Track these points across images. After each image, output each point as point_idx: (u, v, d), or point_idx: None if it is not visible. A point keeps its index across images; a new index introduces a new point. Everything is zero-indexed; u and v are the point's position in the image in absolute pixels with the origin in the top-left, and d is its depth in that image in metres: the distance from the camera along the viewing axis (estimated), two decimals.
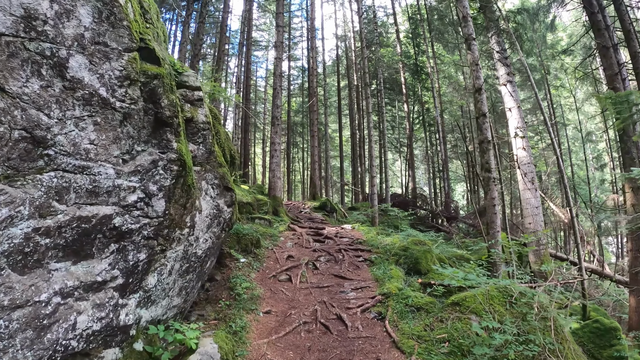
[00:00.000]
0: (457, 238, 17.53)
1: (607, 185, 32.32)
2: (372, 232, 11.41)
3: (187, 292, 5.39)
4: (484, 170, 8.68)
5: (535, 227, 14.63)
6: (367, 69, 17.05)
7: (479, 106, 9.08)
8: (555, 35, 29.20)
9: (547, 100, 28.27)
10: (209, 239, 5.48)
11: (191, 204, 4.82)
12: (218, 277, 7.50)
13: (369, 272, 8.24)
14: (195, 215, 4.99)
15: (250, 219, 11.30)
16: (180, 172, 4.44)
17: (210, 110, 8.97)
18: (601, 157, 34.80)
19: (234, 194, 5.83)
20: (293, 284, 7.43)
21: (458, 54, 28.61)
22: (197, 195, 5.01)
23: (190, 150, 5.14)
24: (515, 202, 27.42)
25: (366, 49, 17.88)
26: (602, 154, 34.54)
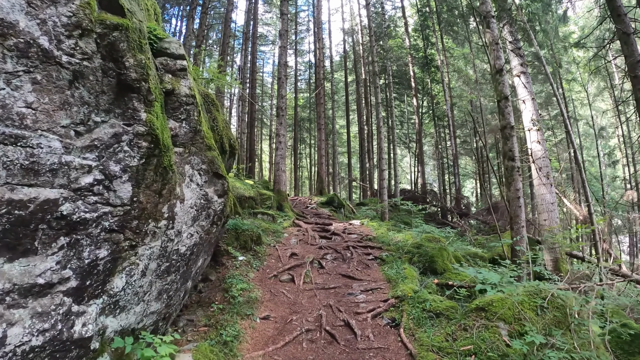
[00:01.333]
0: (470, 235, 16.55)
1: (618, 182, 31.20)
2: (383, 228, 10.49)
3: (169, 296, 4.53)
4: (507, 158, 7.72)
5: (551, 223, 13.65)
6: (376, 58, 16.11)
7: (500, 88, 8.13)
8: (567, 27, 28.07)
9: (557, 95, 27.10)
10: (196, 233, 4.60)
11: (169, 191, 3.95)
12: (212, 277, 6.65)
13: (380, 271, 7.33)
14: (176, 204, 4.11)
15: (252, 214, 10.45)
16: (152, 150, 3.57)
17: (207, 95, 8.15)
18: (613, 154, 33.58)
19: (226, 183, 4.96)
20: (296, 284, 6.55)
21: (468, 47, 27.57)
22: (177, 180, 4.14)
23: (171, 127, 4.27)
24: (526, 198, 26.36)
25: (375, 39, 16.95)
26: (614, 150, 33.35)
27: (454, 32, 26.95)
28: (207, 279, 6.64)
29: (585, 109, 32.68)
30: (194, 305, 6.09)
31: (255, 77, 24.18)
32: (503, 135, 7.83)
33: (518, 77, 15.51)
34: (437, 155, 27.84)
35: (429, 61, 26.78)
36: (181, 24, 31.22)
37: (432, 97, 26.38)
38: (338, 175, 26.11)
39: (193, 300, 6.23)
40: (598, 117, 31.29)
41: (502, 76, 8.18)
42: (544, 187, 13.67)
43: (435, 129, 27.14)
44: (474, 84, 28.57)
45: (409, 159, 37.98)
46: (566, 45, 25.71)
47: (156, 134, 3.60)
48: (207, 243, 5.34)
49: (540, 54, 21.11)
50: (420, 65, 27.56)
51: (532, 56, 22.98)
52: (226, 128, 8.86)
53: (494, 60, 8.37)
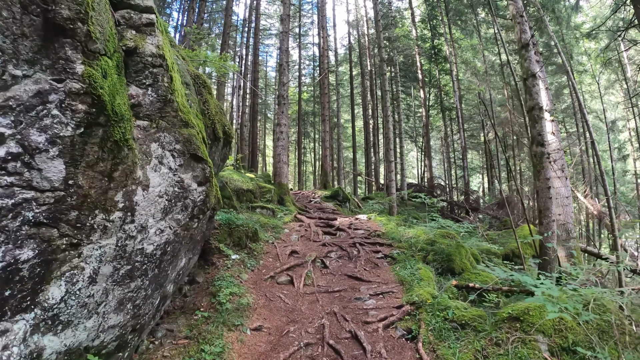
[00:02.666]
0: (482, 230, 15.56)
1: (629, 177, 30.13)
2: (392, 223, 9.53)
3: (136, 306, 3.61)
4: (536, 144, 6.74)
5: (566, 218, 12.68)
6: (383, 42, 15.10)
7: (526, 65, 7.14)
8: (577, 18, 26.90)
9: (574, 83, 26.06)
10: (168, 229, 3.68)
11: (124, 174, 3.03)
12: (200, 279, 5.74)
13: (391, 271, 6.38)
14: (136, 192, 3.19)
15: (250, 209, 9.53)
16: (94, 117, 2.65)
17: (198, 76, 7.27)
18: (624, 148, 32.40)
19: (207, 167, 4.02)
20: (295, 287, 5.62)
21: (476, 38, 26.46)
22: (138, 161, 3.21)
23: (131, 94, 3.34)
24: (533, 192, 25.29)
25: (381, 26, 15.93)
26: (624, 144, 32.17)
27: (463, 23, 25.84)
28: (194, 281, 5.73)
29: (595, 102, 31.60)
30: (176, 311, 5.19)
31: (257, 68, 23.23)
32: (531, 117, 6.84)
33: None
34: (445, 148, 26.77)
35: (436, 52, 25.69)
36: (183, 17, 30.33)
37: (439, 89, 25.30)
38: (343, 170, 25.12)
39: (176, 306, 5.33)
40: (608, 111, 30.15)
41: (529, 51, 7.20)
42: (558, 181, 12.74)
43: (444, 121, 26.06)
44: (482, 75, 27.45)
45: (415, 152, 36.98)
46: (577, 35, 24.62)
47: (99, 95, 2.67)
48: (189, 240, 4.42)
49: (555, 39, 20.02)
50: (427, 56, 26.48)
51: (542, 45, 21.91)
52: (220, 113, 7.95)
53: (519, 34, 7.38)
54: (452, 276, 6.69)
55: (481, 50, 26.03)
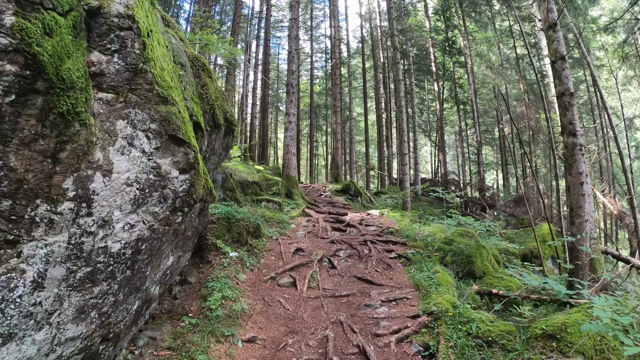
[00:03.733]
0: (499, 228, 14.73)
1: None
2: (405, 219, 8.81)
3: (104, 313, 3.00)
4: (567, 133, 5.95)
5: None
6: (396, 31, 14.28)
7: (554, 47, 6.34)
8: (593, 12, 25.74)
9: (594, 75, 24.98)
10: (141, 223, 3.06)
11: (76, 156, 2.40)
12: (192, 279, 5.13)
13: (406, 274, 5.69)
14: (93, 178, 2.56)
15: (255, 202, 8.91)
16: (30, 82, 2.04)
17: (196, 58, 6.67)
18: None
19: (191, 152, 3.38)
20: (298, 290, 4.98)
21: (491, 30, 25.43)
22: (96, 141, 2.58)
23: (92, 61, 2.70)
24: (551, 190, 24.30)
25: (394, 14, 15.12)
26: None
27: (477, 14, 24.83)
28: (186, 281, 5.12)
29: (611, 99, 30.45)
30: (163, 315, 4.59)
31: (268, 59, 22.55)
32: (561, 104, 6.05)
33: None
34: (460, 142, 25.83)
35: (450, 44, 24.71)
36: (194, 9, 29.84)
37: (454, 82, 24.34)
38: (355, 164, 24.41)
39: (164, 309, 4.73)
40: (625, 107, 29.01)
41: (556, 32, 6.39)
42: None
43: (459, 114, 25.11)
44: (497, 68, 26.37)
45: (428, 147, 36.05)
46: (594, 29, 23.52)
47: (34, 54, 2.04)
48: (173, 237, 3.80)
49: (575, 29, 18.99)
50: (441, 48, 25.51)
51: None
52: (221, 99, 7.33)
53: (545, 13, 6.57)
54: (473, 280, 5.98)
55: (496, 43, 25.02)
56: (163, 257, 3.85)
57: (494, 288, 5.77)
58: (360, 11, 31.96)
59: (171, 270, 4.33)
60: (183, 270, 5.52)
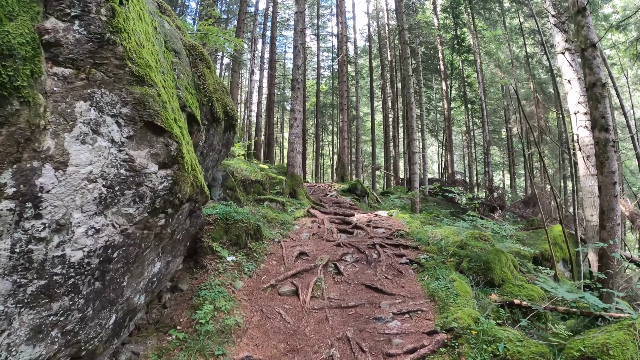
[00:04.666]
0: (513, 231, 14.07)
1: None
2: (416, 221, 8.22)
3: (68, 332, 2.49)
4: (599, 128, 5.35)
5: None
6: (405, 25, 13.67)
7: (584, 33, 5.73)
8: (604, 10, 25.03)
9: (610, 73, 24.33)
10: (111, 227, 2.53)
11: (15, 142, 1.88)
12: (184, 286, 4.60)
13: (418, 281, 5.12)
14: (41, 171, 2.03)
15: (258, 201, 8.38)
16: None
17: (194, 47, 6.18)
18: None
19: (174, 143, 2.84)
20: (300, 300, 4.42)
21: (501, 28, 24.72)
22: (46, 125, 2.05)
23: (47, 28, 2.17)
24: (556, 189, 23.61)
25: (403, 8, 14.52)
26: None
27: (487, 11, 24.13)
28: (177, 288, 4.60)
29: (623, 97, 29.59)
30: (150, 327, 4.07)
31: (274, 57, 22.03)
32: (591, 96, 5.44)
33: (562, 54, 12.99)
34: (468, 141, 25.15)
35: (459, 41, 24.02)
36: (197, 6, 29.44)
37: (463, 80, 23.66)
38: (361, 163, 23.82)
39: (152, 319, 4.20)
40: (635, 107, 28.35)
41: (586, 17, 5.78)
42: (591, 178, 11.25)
43: (467, 113, 24.43)
44: (506, 67, 25.64)
45: (435, 147, 35.37)
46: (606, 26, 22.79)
47: None
48: (157, 241, 3.28)
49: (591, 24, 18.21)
50: (449, 46, 24.83)
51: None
52: (221, 92, 6.80)
53: None
54: (491, 288, 5.39)
55: (505, 41, 24.31)
56: (146, 263, 3.33)
57: (515, 298, 5.18)
58: (368, 10, 31.34)
59: (159, 277, 3.82)
60: (175, 276, 5.00)
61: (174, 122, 2.98)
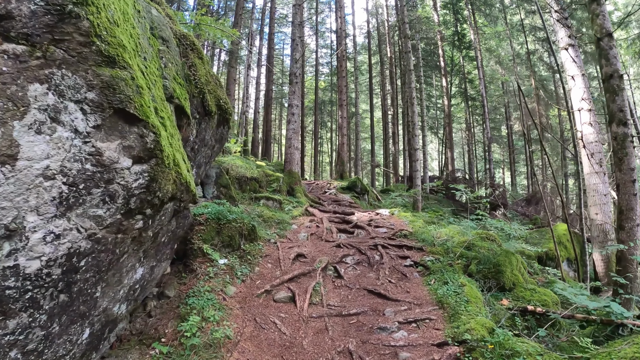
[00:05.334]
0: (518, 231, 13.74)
1: None
2: (419, 220, 7.87)
3: (30, 352, 2.15)
4: (617, 122, 5.01)
5: (604, 219, 10.86)
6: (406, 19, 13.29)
7: (599, 22, 5.40)
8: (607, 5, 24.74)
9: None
10: (75, 231, 2.18)
11: None
12: (171, 292, 4.25)
13: (424, 286, 4.78)
14: None
15: (254, 199, 8.03)
16: None
17: (185, 36, 5.84)
18: None
19: (150, 133, 2.48)
20: (297, 308, 4.07)
21: (502, 24, 24.37)
22: None
23: None
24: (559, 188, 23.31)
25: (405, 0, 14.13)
26: None
27: (487, 7, 23.76)
28: (164, 295, 4.24)
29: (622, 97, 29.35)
30: (133, 338, 3.72)
31: (272, 53, 21.63)
32: (609, 88, 5.10)
33: (565, 49, 12.67)
34: (469, 139, 24.81)
35: (460, 37, 23.65)
36: None
37: (464, 76, 23.30)
38: (360, 161, 23.46)
39: (135, 330, 3.85)
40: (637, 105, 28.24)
41: (601, 5, 5.45)
42: (596, 176, 10.94)
43: (467, 110, 24.08)
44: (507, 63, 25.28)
45: (435, 144, 35.05)
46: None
47: None
48: (137, 245, 2.94)
49: None
50: (449, 42, 24.46)
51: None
52: (213, 84, 6.43)
53: None
54: (502, 293, 5.06)
55: (506, 37, 23.97)
56: (125, 270, 2.99)
57: (527, 303, 4.85)
58: (367, 6, 30.98)
59: (142, 284, 3.48)
60: (162, 281, 4.65)
61: (153, 111, 2.62)
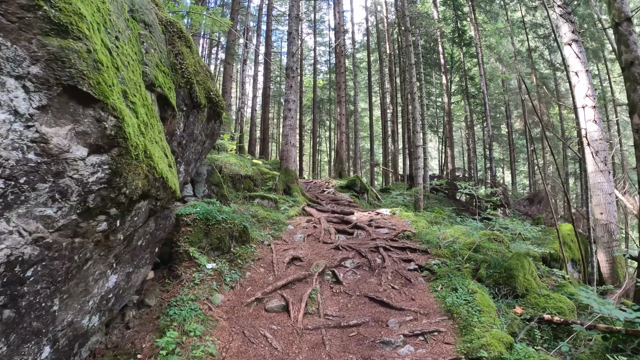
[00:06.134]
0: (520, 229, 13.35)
1: None
2: (421, 220, 7.48)
3: None
4: (638, 113, 4.63)
5: (609, 218, 10.60)
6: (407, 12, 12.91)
7: (617, 6, 5.02)
8: None
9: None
10: (15, 235, 1.79)
11: None
12: (152, 301, 3.85)
13: (431, 292, 4.39)
14: None
15: (248, 198, 7.63)
16: None
17: (171, 22, 5.43)
18: None
19: (110, 117, 2.08)
20: (291, 318, 3.67)
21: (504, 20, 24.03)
22: None
23: None
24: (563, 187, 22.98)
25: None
26: None
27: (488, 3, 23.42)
28: (143, 304, 3.84)
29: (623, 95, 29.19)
30: (107, 353, 3.33)
31: (269, 50, 21.23)
32: (628, 76, 4.73)
33: (569, 45, 12.34)
34: (468, 137, 24.45)
35: (460, 33, 23.29)
36: None
37: (465, 73, 22.95)
38: (359, 160, 23.07)
39: (111, 343, 3.46)
40: None
41: None
42: (600, 175, 10.63)
43: (469, 108, 23.72)
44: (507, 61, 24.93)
45: (434, 143, 34.72)
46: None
47: None
48: (104, 250, 2.56)
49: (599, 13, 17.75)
50: (450, 39, 24.10)
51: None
52: (204, 75, 6.04)
53: None
54: (514, 299, 4.67)
55: (507, 34, 23.63)
56: (92, 279, 2.61)
57: (543, 311, 4.47)
58: (366, 4, 30.58)
59: (117, 292, 3.10)
60: (143, 288, 4.24)
61: (118, 94, 2.22)
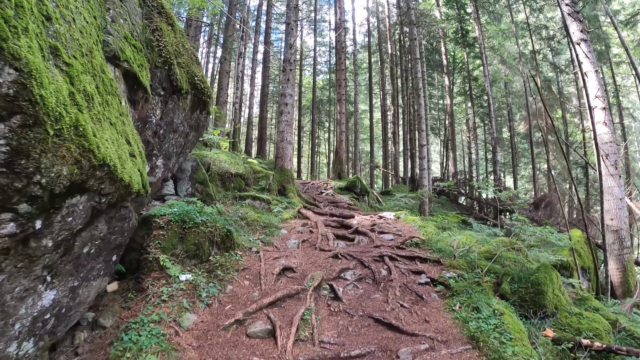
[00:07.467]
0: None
1: None
2: (429, 225, 6.74)
3: None
4: None
5: (620, 225, 10.04)
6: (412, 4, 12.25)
7: None
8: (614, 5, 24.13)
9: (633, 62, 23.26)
10: None
11: None
12: (107, 322, 3.12)
13: (446, 312, 3.66)
14: None
15: (238, 199, 6.91)
16: None
17: None
18: None
19: (8, 69, 1.37)
20: (279, 347, 2.94)
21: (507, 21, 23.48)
22: None
23: None
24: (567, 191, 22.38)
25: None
26: None
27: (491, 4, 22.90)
28: (97, 325, 3.11)
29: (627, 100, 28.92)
30: None
31: (268, 47, 20.53)
32: None
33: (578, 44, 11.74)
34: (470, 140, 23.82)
35: (464, 33, 22.71)
36: None
37: (469, 73, 22.36)
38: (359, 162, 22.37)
39: None
40: None
41: None
42: (611, 179, 10.07)
43: (473, 110, 23.11)
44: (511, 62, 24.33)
45: (435, 146, 34.12)
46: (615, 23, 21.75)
47: None
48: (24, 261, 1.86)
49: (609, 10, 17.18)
50: (453, 39, 23.52)
51: None
52: (187, 58, 5.33)
53: None
54: (542, 319, 3.95)
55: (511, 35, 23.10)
56: (11, 297, 1.94)
57: (577, 333, 3.76)
58: (367, 5, 30.14)
59: (57, 311, 2.41)
60: (101, 304, 3.50)
61: (32, 44, 1.50)
